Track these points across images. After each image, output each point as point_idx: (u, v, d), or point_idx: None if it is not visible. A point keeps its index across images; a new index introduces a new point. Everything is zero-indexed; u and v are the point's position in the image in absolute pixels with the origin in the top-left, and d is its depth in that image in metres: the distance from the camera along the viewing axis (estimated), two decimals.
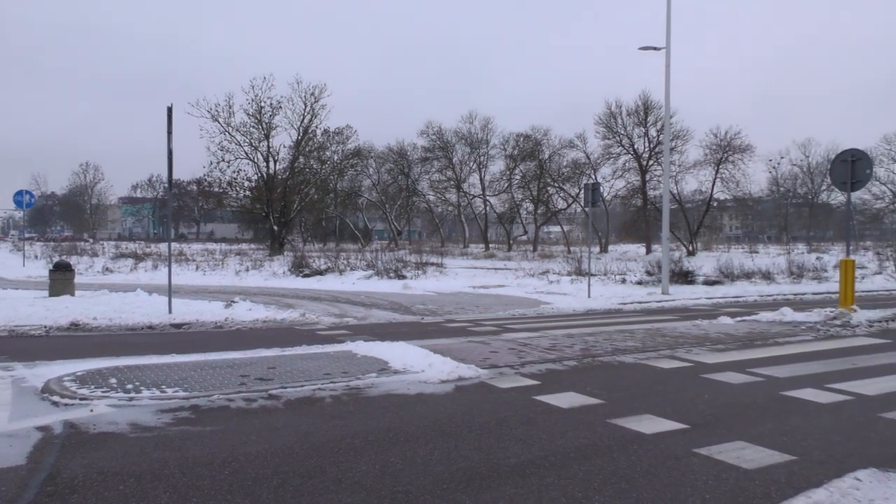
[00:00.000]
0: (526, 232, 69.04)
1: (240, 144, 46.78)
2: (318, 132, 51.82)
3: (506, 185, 60.90)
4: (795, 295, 19.84)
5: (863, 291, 20.23)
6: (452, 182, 64.44)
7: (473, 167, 64.46)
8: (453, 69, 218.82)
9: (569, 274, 25.23)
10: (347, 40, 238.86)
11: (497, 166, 63.90)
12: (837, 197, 68.35)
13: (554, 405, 6.37)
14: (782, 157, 76.41)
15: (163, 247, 45.88)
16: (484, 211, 65.85)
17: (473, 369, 7.92)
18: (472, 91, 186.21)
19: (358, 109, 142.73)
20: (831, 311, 13.26)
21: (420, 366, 7.97)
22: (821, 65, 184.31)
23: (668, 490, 4.20)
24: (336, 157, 58.48)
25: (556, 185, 57.31)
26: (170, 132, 12.81)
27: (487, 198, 63.43)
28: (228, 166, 46.70)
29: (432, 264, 29.28)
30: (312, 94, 48.36)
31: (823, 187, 75.46)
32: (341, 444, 5.12)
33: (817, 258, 31.89)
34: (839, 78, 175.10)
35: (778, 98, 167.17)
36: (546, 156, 57.53)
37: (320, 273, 25.58)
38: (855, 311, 13.08)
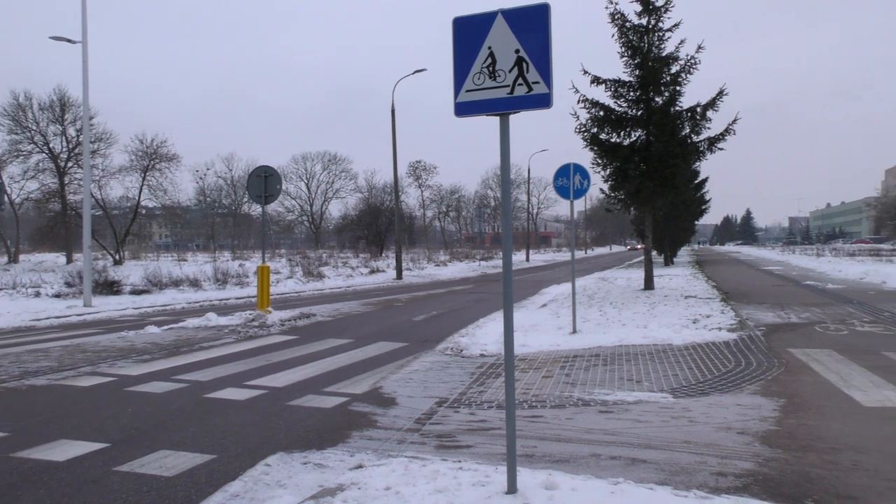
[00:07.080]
0: None
1: None
2: None
3: None
4: (221, 300, 20.93)
5: (277, 294, 22.67)
6: None
7: None
8: None
9: None
10: None
11: None
12: (257, 209, 75.24)
13: None
14: (209, 169, 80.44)
15: None
16: None
17: None
18: None
19: None
20: (251, 314, 14.44)
21: None
22: (259, 84, 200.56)
23: None
24: None
25: None
26: None
27: None
28: None
29: None
30: None
31: (245, 199, 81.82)
32: None
33: (240, 265, 34.20)
34: (275, 98, 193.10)
35: (212, 108, 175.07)
36: None
37: None
38: (270, 312, 14.53)
